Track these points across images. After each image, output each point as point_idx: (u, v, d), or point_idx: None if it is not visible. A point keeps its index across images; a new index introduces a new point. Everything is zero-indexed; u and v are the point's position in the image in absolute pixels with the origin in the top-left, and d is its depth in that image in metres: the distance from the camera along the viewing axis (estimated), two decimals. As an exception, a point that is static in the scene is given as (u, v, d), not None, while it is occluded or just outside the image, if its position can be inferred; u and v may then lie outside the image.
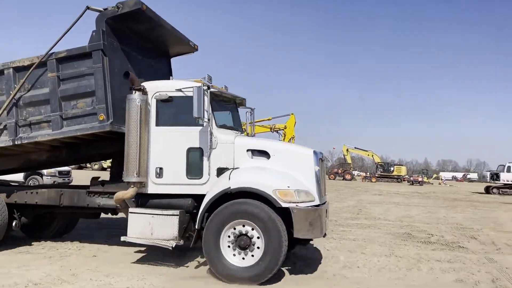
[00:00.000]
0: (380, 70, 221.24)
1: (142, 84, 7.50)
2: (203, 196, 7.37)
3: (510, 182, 41.08)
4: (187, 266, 7.76)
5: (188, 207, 7.50)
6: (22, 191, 8.78)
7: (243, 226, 6.84)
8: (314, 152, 7.43)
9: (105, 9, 7.64)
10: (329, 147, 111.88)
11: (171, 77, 8.24)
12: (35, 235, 9.73)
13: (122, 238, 7.44)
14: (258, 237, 6.79)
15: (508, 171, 41.45)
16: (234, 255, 6.88)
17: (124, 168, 7.41)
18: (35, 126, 8.03)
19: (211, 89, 7.62)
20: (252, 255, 6.81)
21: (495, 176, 43.17)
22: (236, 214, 6.84)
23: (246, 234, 6.83)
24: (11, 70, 8.11)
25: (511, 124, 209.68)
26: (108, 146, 8.39)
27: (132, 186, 7.39)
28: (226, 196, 7.05)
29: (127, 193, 7.43)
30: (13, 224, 8.76)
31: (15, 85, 8.03)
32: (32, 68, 7.83)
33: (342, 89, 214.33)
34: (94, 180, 8.59)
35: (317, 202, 7.09)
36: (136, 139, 7.28)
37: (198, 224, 7.06)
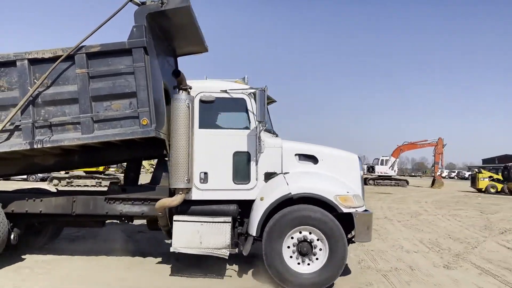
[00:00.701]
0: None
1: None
2: (248, 201, 7.20)
3: (383, 174, 46.16)
4: (230, 276, 7.46)
5: (233, 213, 7.23)
6: (22, 199, 7.70)
7: (309, 233, 6.76)
8: (358, 157, 7.60)
9: (143, 3, 7.05)
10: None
11: (205, 76, 7.85)
12: (19, 248, 8.60)
13: (172, 249, 6.92)
14: (320, 245, 6.75)
15: (382, 164, 46.69)
16: (300, 264, 6.78)
17: (171, 174, 6.93)
18: (57, 128, 7.05)
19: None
20: (309, 264, 6.77)
21: (371, 168, 48.25)
22: (300, 221, 6.75)
23: (308, 241, 6.77)
24: (25, 62, 6.99)
25: (390, 120, 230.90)
26: (134, 150, 7.70)
27: (180, 192, 6.93)
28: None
29: (175, 200, 6.94)
30: (11, 237, 7.70)
31: (35, 80, 7.00)
32: (58, 62, 6.87)
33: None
34: (113, 185, 7.87)
35: (365, 206, 7.26)
36: (186, 142, 6.86)
37: (257, 231, 6.84)
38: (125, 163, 8.96)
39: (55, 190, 8.88)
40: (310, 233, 6.75)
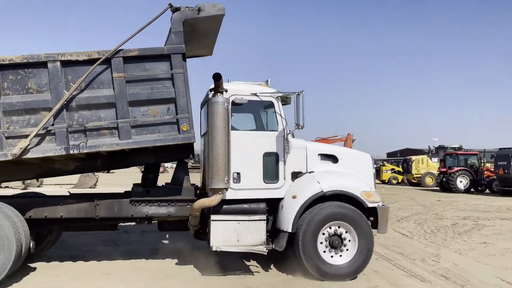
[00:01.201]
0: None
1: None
2: (275, 200, 7.65)
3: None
4: (258, 272, 7.85)
5: (263, 211, 7.59)
6: (41, 204, 7.46)
7: (339, 227, 7.36)
8: (370, 156, 8.34)
9: (177, 9, 7.15)
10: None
11: (228, 79, 8.05)
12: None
13: (214, 248, 7.17)
14: (350, 238, 7.38)
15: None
16: (331, 256, 7.34)
17: (210, 175, 7.09)
18: (93, 133, 6.92)
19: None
20: (340, 255, 7.38)
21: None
22: (333, 216, 7.33)
23: (338, 235, 7.36)
24: (58, 63, 6.78)
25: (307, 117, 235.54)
26: (160, 154, 7.67)
27: (220, 192, 7.15)
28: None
29: (214, 200, 7.14)
30: (30, 245, 7.38)
31: (71, 84, 6.85)
32: (96, 65, 6.77)
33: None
34: (137, 186, 7.87)
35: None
36: (225, 144, 7.06)
37: (293, 227, 7.29)
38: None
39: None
40: (340, 227, 7.36)
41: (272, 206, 7.75)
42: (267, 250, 7.31)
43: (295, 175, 7.73)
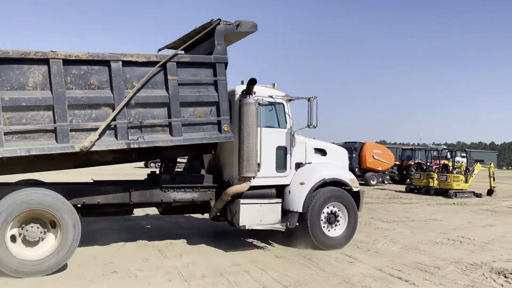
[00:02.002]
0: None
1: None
2: (281, 186, 9.28)
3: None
4: (273, 246, 9.41)
5: (274, 196, 9.21)
6: (81, 192, 7.98)
7: (335, 207, 9.35)
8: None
9: (218, 24, 8.14)
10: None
11: (242, 81, 9.17)
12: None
13: (247, 227, 8.56)
14: (342, 215, 9.41)
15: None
16: (329, 230, 9.28)
17: (242, 164, 8.30)
18: (147, 129, 7.65)
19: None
20: (335, 228, 9.36)
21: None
22: (333, 198, 9.30)
23: (333, 213, 9.33)
24: (120, 63, 7.36)
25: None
26: (188, 148, 8.49)
27: (250, 180, 8.49)
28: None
29: (246, 186, 8.48)
30: None
31: (134, 83, 7.41)
32: (156, 66, 7.54)
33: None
34: (165, 174, 8.83)
35: None
36: (256, 139, 8.40)
37: (304, 208, 9.00)
38: None
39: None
40: (335, 207, 9.35)
41: (277, 192, 9.33)
42: (284, 228, 8.88)
43: (298, 166, 9.44)
